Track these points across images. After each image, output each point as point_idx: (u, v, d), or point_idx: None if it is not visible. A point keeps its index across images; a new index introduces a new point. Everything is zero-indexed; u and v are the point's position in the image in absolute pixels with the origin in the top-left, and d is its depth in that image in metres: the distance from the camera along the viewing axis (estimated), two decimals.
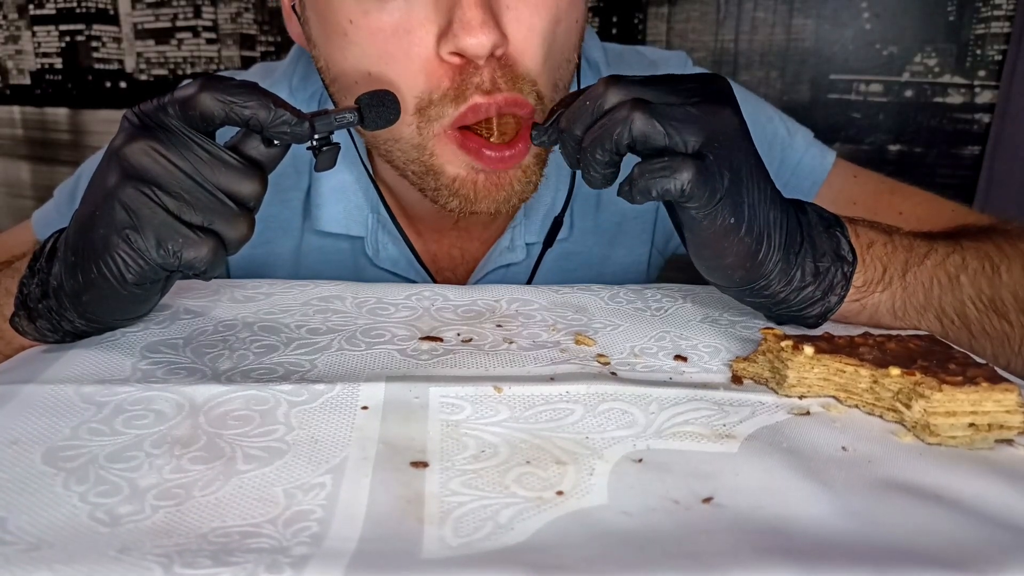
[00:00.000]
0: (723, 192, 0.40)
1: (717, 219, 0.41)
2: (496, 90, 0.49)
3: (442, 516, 0.29)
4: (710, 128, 0.40)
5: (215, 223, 0.39)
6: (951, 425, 0.35)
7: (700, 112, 0.40)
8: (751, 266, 0.43)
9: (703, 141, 0.40)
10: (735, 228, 0.42)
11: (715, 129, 0.40)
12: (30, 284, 0.43)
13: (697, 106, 0.40)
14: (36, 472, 0.31)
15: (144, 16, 1.75)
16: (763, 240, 0.43)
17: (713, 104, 0.41)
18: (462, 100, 0.49)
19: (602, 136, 0.40)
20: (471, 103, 0.49)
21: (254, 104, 0.38)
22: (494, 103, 0.49)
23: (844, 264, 0.46)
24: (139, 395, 0.38)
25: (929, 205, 0.64)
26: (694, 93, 0.41)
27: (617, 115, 0.40)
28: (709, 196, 0.40)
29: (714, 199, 0.40)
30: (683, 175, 0.39)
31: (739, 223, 0.42)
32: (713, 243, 0.42)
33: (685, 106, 0.40)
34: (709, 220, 0.41)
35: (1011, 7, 1.17)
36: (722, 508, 0.30)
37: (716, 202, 0.40)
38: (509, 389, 0.39)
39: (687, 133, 0.40)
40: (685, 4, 1.35)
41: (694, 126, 0.40)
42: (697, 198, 0.40)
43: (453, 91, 0.49)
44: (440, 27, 0.48)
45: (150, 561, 0.26)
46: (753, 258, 0.43)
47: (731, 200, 0.41)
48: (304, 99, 0.65)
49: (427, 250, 0.67)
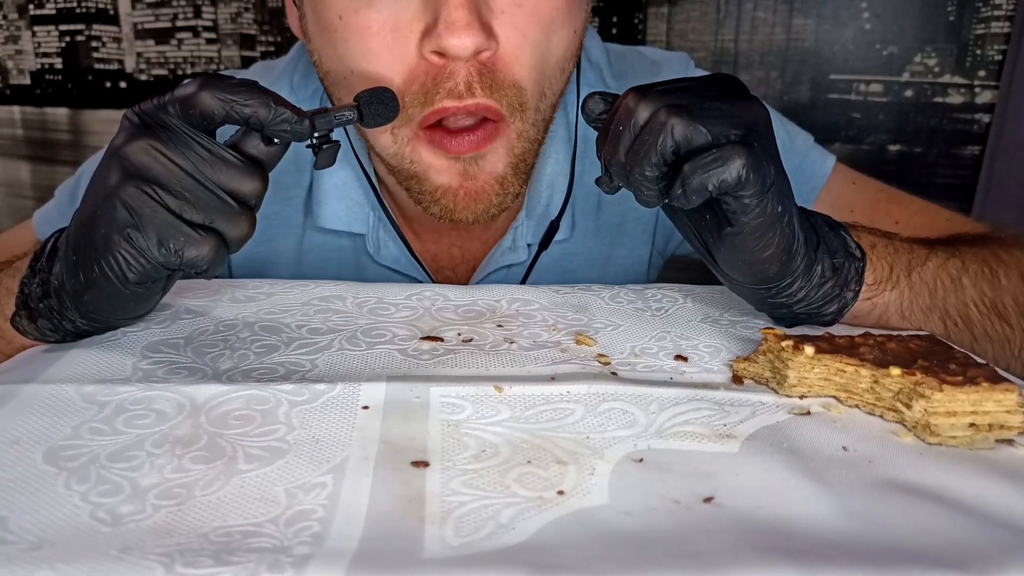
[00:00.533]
0: (772, 178, 0.40)
1: (768, 207, 0.40)
2: (470, 95, 0.50)
3: (443, 516, 0.29)
4: (746, 120, 0.40)
5: (216, 221, 0.39)
6: (951, 425, 0.35)
7: (732, 107, 0.40)
8: (786, 259, 0.43)
9: (744, 133, 0.39)
10: (781, 216, 0.41)
11: (750, 120, 0.40)
12: (31, 284, 0.43)
13: (727, 101, 0.40)
14: (37, 472, 0.31)
15: (144, 16, 1.75)
16: (798, 233, 0.43)
17: (740, 99, 0.41)
18: (429, 104, 0.51)
19: (646, 151, 0.39)
20: (438, 107, 0.50)
21: (254, 102, 0.39)
22: (463, 108, 0.50)
23: (855, 260, 0.46)
24: (140, 395, 0.38)
25: (925, 214, 0.64)
26: (719, 91, 0.41)
27: (654, 126, 0.39)
28: (762, 182, 0.39)
29: (767, 185, 0.39)
30: (736, 161, 0.38)
31: (785, 211, 0.41)
32: (759, 233, 0.41)
33: (717, 102, 0.40)
34: (760, 208, 0.40)
35: (1011, 7, 1.17)
36: (723, 508, 0.30)
37: (768, 188, 0.40)
38: (510, 389, 0.39)
39: (728, 126, 0.39)
40: (685, 4, 1.35)
41: (732, 119, 0.39)
42: (752, 184, 0.38)
43: (423, 93, 0.51)
44: (426, 25, 0.49)
45: (151, 560, 0.26)
46: (788, 250, 0.42)
47: (778, 188, 0.40)
48: (306, 96, 0.66)
49: (427, 249, 0.67)
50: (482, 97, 0.50)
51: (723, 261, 0.44)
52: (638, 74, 0.68)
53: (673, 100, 0.39)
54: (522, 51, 0.51)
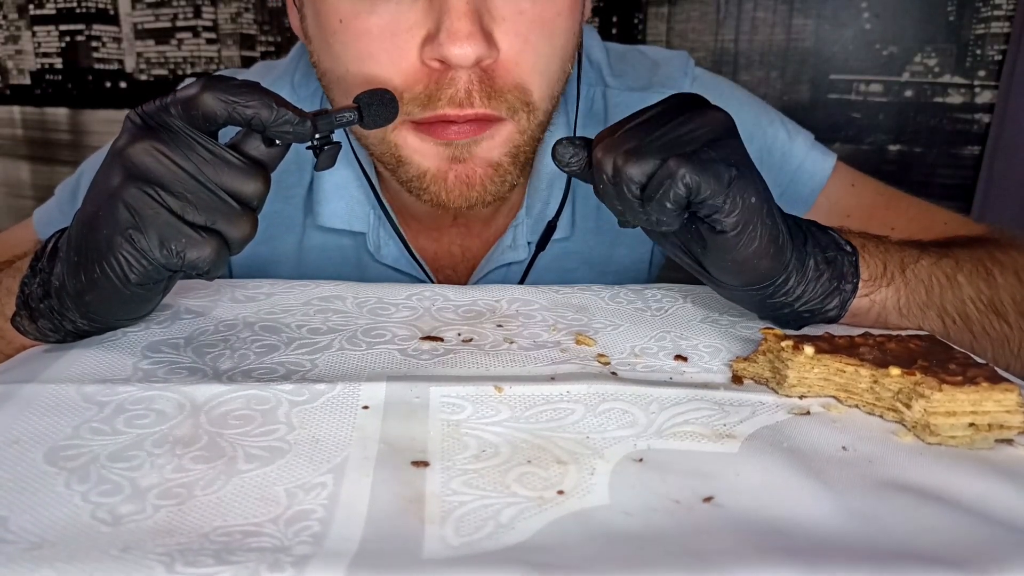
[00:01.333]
0: (731, 174, 0.40)
1: (738, 200, 0.40)
2: (469, 104, 0.50)
3: (443, 515, 0.29)
4: (698, 134, 0.40)
5: (218, 223, 0.39)
6: (951, 425, 0.35)
7: (683, 125, 0.41)
8: (774, 252, 0.43)
9: (696, 147, 0.40)
10: (758, 208, 0.41)
11: (702, 133, 0.41)
12: (32, 284, 0.43)
13: (681, 123, 0.41)
14: (38, 471, 0.31)
15: (144, 16, 1.75)
16: (780, 226, 0.43)
17: (695, 115, 0.42)
18: (431, 107, 0.51)
19: (618, 200, 0.41)
20: (439, 113, 0.51)
21: (256, 104, 0.39)
22: (463, 117, 0.51)
23: (847, 255, 0.47)
24: (140, 395, 0.38)
25: (922, 220, 0.64)
26: (672, 114, 0.42)
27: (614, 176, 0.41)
28: (717, 179, 0.39)
29: (725, 181, 0.40)
30: (679, 171, 0.39)
31: (760, 202, 0.41)
32: (739, 228, 0.41)
33: (667, 127, 0.41)
34: (730, 203, 0.40)
35: (1011, 7, 1.17)
36: (723, 508, 0.30)
37: (729, 183, 0.40)
38: (510, 389, 0.39)
39: (675, 146, 0.40)
40: (685, 4, 1.35)
41: (680, 140, 0.40)
42: (706, 186, 0.39)
43: (425, 96, 0.51)
44: (428, 31, 0.49)
45: (152, 560, 0.26)
46: (775, 242, 0.43)
47: (744, 182, 0.40)
48: (307, 95, 0.66)
49: (426, 247, 0.67)
50: (480, 106, 0.51)
51: (713, 267, 0.44)
52: (638, 73, 0.68)
53: (626, 145, 0.41)
54: (524, 56, 0.51)
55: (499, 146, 0.54)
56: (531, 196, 0.65)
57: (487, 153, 0.54)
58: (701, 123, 0.41)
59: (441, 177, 0.54)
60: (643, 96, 0.66)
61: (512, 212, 0.66)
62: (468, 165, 0.54)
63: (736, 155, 0.41)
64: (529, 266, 0.66)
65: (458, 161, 0.54)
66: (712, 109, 0.42)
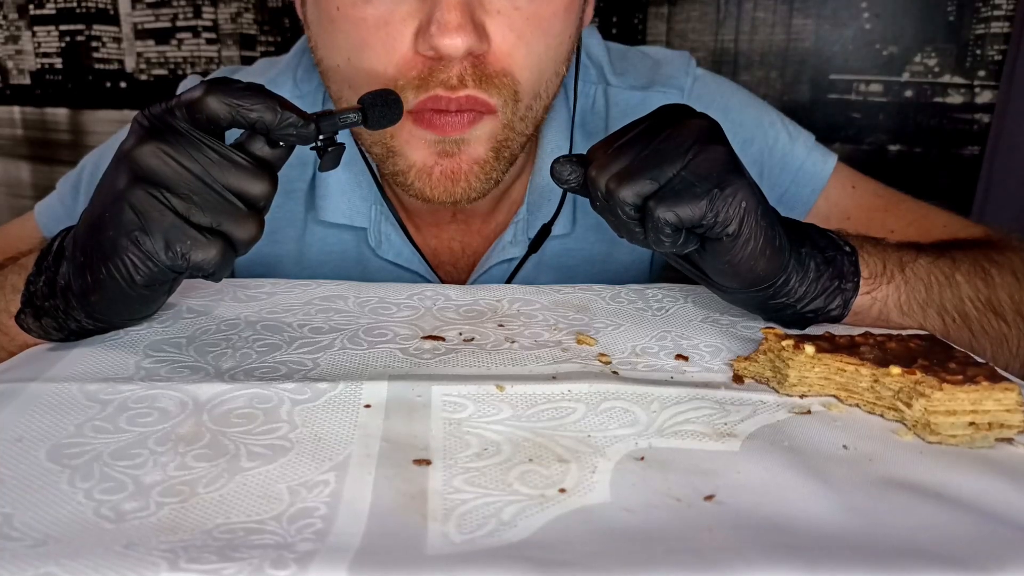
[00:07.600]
0: (712, 191, 0.40)
1: (730, 203, 0.41)
2: (462, 86, 0.51)
3: (445, 513, 0.29)
4: (685, 147, 0.41)
5: (224, 224, 0.39)
6: (951, 424, 0.36)
7: (669, 140, 0.41)
8: (771, 252, 0.43)
9: (680, 166, 0.41)
10: (752, 210, 0.41)
11: (687, 144, 0.41)
12: (37, 282, 0.44)
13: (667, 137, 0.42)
14: (41, 469, 0.31)
15: (144, 16, 1.75)
16: (776, 227, 0.43)
17: (681, 126, 0.42)
18: (424, 90, 0.51)
19: (658, 247, 0.42)
20: (432, 94, 0.51)
21: (260, 106, 0.39)
22: (455, 99, 0.51)
23: (846, 254, 0.47)
24: (143, 393, 0.38)
25: (921, 223, 0.64)
26: (657, 128, 0.42)
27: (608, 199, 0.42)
28: (695, 204, 0.40)
29: (702, 205, 0.40)
30: (659, 214, 0.40)
31: (753, 205, 0.41)
32: (734, 230, 0.41)
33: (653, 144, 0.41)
34: (721, 207, 0.41)
35: (1011, 7, 1.17)
36: (724, 506, 0.30)
37: (711, 200, 0.40)
38: (511, 388, 0.39)
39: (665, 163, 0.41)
40: (685, 4, 1.35)
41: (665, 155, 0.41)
42: (688, 214, 0.40)
43: (418, 80, 0.51)
44: (420, 23, 0.50)
45: (156, 557, 0.26)
46: (771, 243, 0.43)
47: (730, 188, 0.41)
48: (309, 91, 0.66)
49: (427, 243, 0.67)
50: (473, 89, 0.51)
51: (712, 271, 0.44)
52: (640, 72, 0.68)
53: (616, 167, 0.42)
54: (517, 49, 0.52)
55: (485, 142, 0.55)
56: (533, 193, 0.65)
57: (474, 150, 0.55)
58: (687, 135, 0.42)
59: (426, 172, 0.55)
60: (644, 95, 0.66)
61: (514, 208, 0.66)
62: (455, 160, 0.54)
63: (719, 163, 0.41)
64: (521, 263, 0.66)
65: (446, 156, 0.54)
66: (696, 118, 0.43)
